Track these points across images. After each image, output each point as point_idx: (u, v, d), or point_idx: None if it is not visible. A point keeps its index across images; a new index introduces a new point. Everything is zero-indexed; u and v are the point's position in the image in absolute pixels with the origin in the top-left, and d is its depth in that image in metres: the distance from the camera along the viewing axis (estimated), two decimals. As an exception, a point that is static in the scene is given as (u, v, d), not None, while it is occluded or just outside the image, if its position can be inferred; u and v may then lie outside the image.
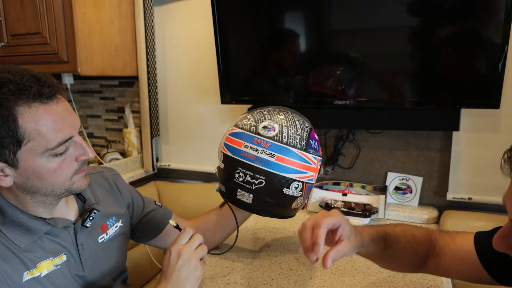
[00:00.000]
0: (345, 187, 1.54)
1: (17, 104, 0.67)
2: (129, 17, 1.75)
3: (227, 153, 0.94)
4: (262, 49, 1.49)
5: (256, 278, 0.99)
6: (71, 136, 0.74)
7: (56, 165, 0.73)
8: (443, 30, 1.24)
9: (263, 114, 0.95)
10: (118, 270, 0.96)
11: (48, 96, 0.70)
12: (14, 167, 0.71)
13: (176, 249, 0.79)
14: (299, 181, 0.92)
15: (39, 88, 0.69)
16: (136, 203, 1.05)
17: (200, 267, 0.80)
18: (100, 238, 0.90)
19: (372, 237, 0.79)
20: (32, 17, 1.53)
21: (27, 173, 0.72)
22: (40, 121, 0.69)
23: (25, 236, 0.76)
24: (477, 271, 0.73)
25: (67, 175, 0.76)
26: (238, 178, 0.92)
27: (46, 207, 0.79)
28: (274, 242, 1.21)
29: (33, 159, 0.71)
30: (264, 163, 0.89)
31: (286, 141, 0.90)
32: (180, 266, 0.77)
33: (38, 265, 0.76)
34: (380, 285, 0.95)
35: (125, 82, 1.94)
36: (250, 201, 0.92)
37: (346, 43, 1.37)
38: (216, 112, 1.77)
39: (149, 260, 1.71)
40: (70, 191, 0.78)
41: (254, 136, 0.91)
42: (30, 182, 0.73)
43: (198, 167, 1.87)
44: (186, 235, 0.81)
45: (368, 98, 1.35)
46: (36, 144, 0.70)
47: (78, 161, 0.77)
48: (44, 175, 0.73)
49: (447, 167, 1.41)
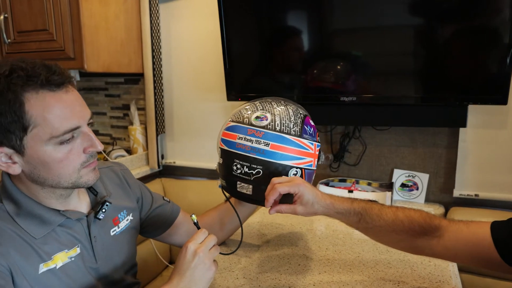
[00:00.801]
0: (351, 184, 1.54)
1: (24, 90, 0.68)
2: (134, 13, 1.75)
3: (224, 147, 0.95)
4: (267, 47, 1.50)
5: (265, 274, 1.00)
6: (78, 126, 0.74)
7: (62, 155, 0.73)
8: (450, 26, 1.24)
9: (255, 106, 0.96)
10: (129, 263, 0.97)
11: (57, 84, 0.71)
12: (21, 154, 0.71)
13: (193, 247, 0.78)
14: (297, 167, 0.92)
15: (48, 76, 0.70)
16: (145, 198, 1.06)
17: (214, 268, 0.80)
18: (112, 231, 0.91)
19: (343, 209, 0.86)
20: (38, 14, 1.54)
21: (33, 161, 0.72)
22: (46, 108, 0.70)
23: (40, 227, 0.76)
24: (489, 256, 0.75)
25: (74, 167, 0.75)
26: (236, 171, 0.92)
27: (57, 199, 0.80)
28: (281, 238, 1.22)
29: (38, 146, 0.71)
30: (260, 152, 0.89)
31: (279, 129, 0.90)
32: (195, 265, 0.77)
33: (53, 257, 0.77)
34: (389, 279, 0.95)
35: (130, 80, 1.94)
36: (250, 192, 0.93)
37: (352, 41, 1.37)
38: (221, 109, 1.77)
39: (155, 257, 1.71)
40: (77, 185, 0.78)
41: (247, 127, 0.92)
42: (37, 171, 0.73)
43: (203, 164, 1.87)
44: (203, 235, 0.81)
45: (374, 95, 1.35)
46: (42, 131, 0.70)
47: (86, 153, 0.77)
48: (50, 164, 0.73)
49: (454, 164, 1.41)
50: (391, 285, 0.93)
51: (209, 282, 0.81)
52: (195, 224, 0.87)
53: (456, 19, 1.22)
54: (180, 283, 0.77)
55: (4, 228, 0.72)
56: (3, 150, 0.71)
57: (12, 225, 0.74)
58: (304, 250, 1.13)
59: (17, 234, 0.73)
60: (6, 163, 0.72)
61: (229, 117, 1.00)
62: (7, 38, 1.62)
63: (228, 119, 0.99)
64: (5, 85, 0.67)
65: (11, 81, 0.67)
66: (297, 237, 1.22)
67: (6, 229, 0.72)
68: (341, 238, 1.21)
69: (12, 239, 0.72)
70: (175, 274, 0.79)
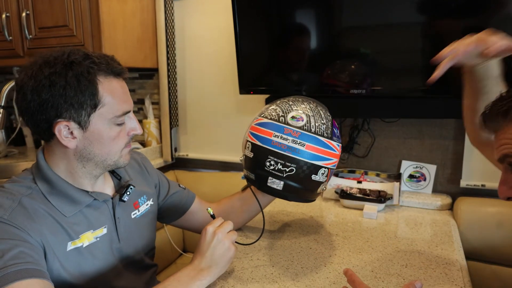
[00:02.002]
0: (360, 175, 1.58)
1: (98, 73, 0.79)
2: (150, 11, 1.81)
3: (256, 142, 0.98)
4: (278, 42, 1.54)
5: (278, 256, 1.04)
6: (129, 110, 0.85)
7: (115, 134, 0.83)
8: (458, 21, 1.27)
9: (289, 105, 1.00)
10: (149, 245, 1.03)
11: (118, 73, 0.82)
12: (83, 129, 0.79)
13: (212, 229, 0.88)
14: (325, 167, 0.98)
15: (113, 64, 0.81)
16: (162, 184, 1.11)
17: (233, 249, 0.88)
18: (133, 214, 0.97)
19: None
20: (59, 11, 1.60)
21: (91, 137, 0.81)
22: (113, 90, 0.81)
23: (70, 206, 0.82)
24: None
25: (119, 146, 0.85)
26: (269, 167, 0.96)
27: (90, 179, 0.86)
28: (292, 225, 1.26)
29: (101, 123, 0.80)
30: (295, 151, 0.94)
31: (314, 131, 0.95)
32: (215, 245, 0.86)
33: (81, 236, 0.83)
34: (397, 262, 1.00)
35: (145, 75, 2.00)
36: (280, 187, 0.97)
37: (362, 38, 1.40)
38: (233, 103, 1.82)
39: (169, 245, 1.77)
40: (117, 164, 0.87)
41: (284, 126, 0.95)
42: (91, 147, 0.81)
43: (216, 156, 1.92)
44: (220, 221, 0.91)
45: (382, 87, 1.39)
46: (107, 110, 0.80)
47: (129, 135, 0.87)
48: (105, 140, 0.82)
49: (461, 155, 1.45)
50: (399, 266, 0.97)
51: (229, 262, 0.88)
52: (212, 216, 0.95)
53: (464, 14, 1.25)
54: (201, 263, 0.85)
55: (37, 208, 0.78)
56: (70, 124, 0.78)
57: (45, 204, 0.80)
58: (314, 235, 1.18)
59: (49, 213, 0.79)
60: (67, 138, 0.79)
61: (260, 112, 1.04)
62: (28, 34, 1.68)
63: (259, 114, 1.03)
64: (85, 68, 0.77)
65: (88, 65, 0.77)
66: (307, 224, 1.27)
67: (39, 209, 0.78)
68: (350, 225, 1.26)
69: (44, 217, 0.78)
70: (196, 256, 0.87)
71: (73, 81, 0.76)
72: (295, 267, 0.98)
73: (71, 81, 0.76)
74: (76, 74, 0.76)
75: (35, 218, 0.76)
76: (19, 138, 2.20)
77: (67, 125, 0.78)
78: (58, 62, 0.77)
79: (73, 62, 0.77)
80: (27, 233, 0.73)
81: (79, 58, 0.78)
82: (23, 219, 0.75)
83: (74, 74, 0.76)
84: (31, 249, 0.73)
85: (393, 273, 0.94)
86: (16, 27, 1.72)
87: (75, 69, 0.76)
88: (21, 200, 0.77)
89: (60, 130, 0.78)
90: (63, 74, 0.76)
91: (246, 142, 1.03)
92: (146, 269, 1.02)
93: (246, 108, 1.80)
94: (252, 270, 0.97)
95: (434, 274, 0.93)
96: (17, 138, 2.17)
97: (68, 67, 0.76)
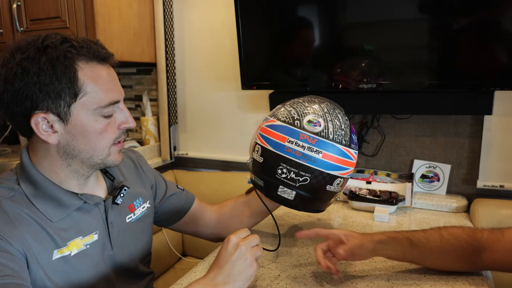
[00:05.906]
0: (369, 175, 1.50)
1: (77, 59, 0.70)
2: (147, 1, 1.72)
3: (267, 146, 0.89)
4: (283, 35, 1.46)
5: (285, 263, 0.97)
6: (118, 100, 0.77)
7: (102, 127, 0.75)
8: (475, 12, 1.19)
9: (304, 106, 0.90)
10: (145, 252, 0.95)
11: (103, 58, 0.74)
12: (64, 122, 0.71)
13: (236, 240, 0.75)
14: (341, 177, 0.89)
15: (97, 48, 0.73)
16: (159, 185, 1.03)
17: (255, 267, 0.75)
18: (128, 217, 0.89)
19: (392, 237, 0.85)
20: (51, 1, 1.52)
21: (74, 131, 0.72)
22: (96, 78, 0.72)
23: (57, 210, 0.74)
24: None
25: (108, 141, 0.76)
26: (281, 175, 0.87)
27: (78, 179, 0.78)
28: (299, 228, 1.18)
29: (84, 115, 0.72)
30: (311, 160, 0.85)
31: (332, 137, 0.86)
32: (236, 258, 0.74)
33: (68, 244, 0.75)
34: (415, 270, 0.91)
35: (142, 70, 1.92)
36: (292, 197, 0.88)
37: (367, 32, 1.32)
38: (235, 99, 1.74)
39: (168, 249, 1.69)
40: (105, 162, 0.78)
41: (299, 131, 0.86)
42: (74, 142, 0.73)
43: (217, 155, 1.84)
44: (246, 232, 0.79)
45: (393, 81, 1.31)
46: (90, 99, 0.72)
47: (120, 128, 0.78)
48: (90, 134, 0.74)
49: (477, 154, 1.36)
50: (417, 275, 0.89)
51: (249, 281, 0.75)
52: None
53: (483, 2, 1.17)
54: (217, 276, 0.73)
55: (20, 212, 0.70)
56: (48, 116, 0.70)
57: (29, 208, 0.72)
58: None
59: (33, 219, 0.71)
60: (46, 132, 0.71)
61: (271, 113, 0.95)
62: (20, 27, 1.60)
63: (270, 115, 0.94)
64: (61, 52, 0.69)
65: (65, 49, 0.69)
66: (314, 227, 1.18)
67: (22, 213, 0.70)
68: (361, 229, 1.18)
69: (27, 223, 0.70)
70: (213, 267, 0.75)
71: (47, 67, 0.68)
72: (304, 275, 0.90)
73: (45, 66, 0.68)
74: (50, 58, 0.68)
75: (16, 223, 0.68)
76: (13, 136, 2.12)
77: (45, 117, 0.70)
78: (31, 47, 0.69)
79: (48, 46, 0.69)
80: (7, 242, 0.66)
81: (56, 42, 0.70)
82: (3, 225, 0.67)
83: (49, 58, 0.68)
84: (11, 260, 0.65)
85: (411, 284, 0.86)
86: (7, 19, 1.64)
87: (50, 53, 0.68)
88: (1, 203, 0.69)
89: (38, 123, 0.70)
90: (36, 60, 0.68)
91: (255, 145, 0.93)
92: (142, 278, 0.94)
93: (248, 104, 1.71)
94: (256, 278, 0.89)
95: (457, 285, 0.85)
96: (10, 136, 2.09)
97: (41, 51, 0.68)
